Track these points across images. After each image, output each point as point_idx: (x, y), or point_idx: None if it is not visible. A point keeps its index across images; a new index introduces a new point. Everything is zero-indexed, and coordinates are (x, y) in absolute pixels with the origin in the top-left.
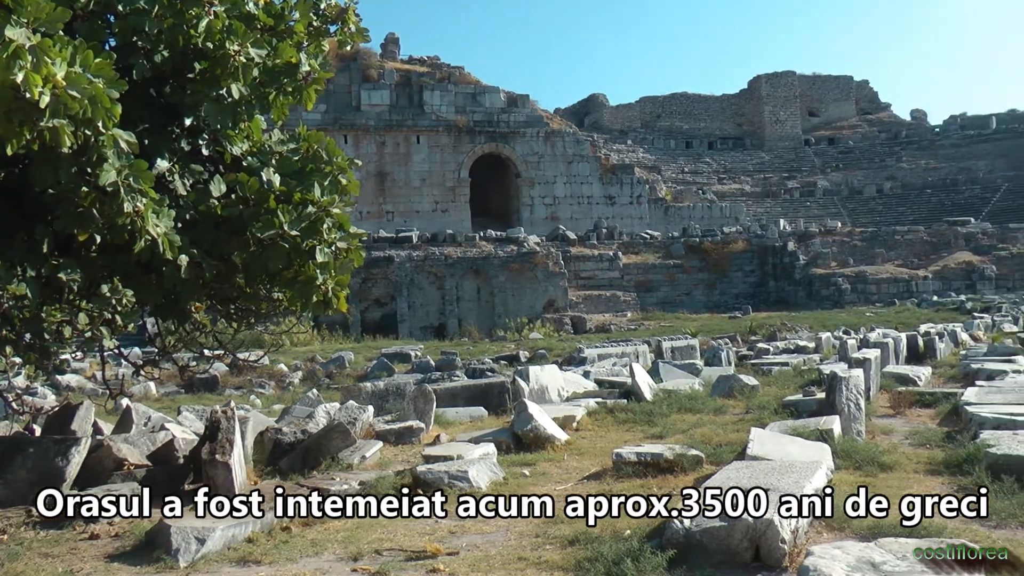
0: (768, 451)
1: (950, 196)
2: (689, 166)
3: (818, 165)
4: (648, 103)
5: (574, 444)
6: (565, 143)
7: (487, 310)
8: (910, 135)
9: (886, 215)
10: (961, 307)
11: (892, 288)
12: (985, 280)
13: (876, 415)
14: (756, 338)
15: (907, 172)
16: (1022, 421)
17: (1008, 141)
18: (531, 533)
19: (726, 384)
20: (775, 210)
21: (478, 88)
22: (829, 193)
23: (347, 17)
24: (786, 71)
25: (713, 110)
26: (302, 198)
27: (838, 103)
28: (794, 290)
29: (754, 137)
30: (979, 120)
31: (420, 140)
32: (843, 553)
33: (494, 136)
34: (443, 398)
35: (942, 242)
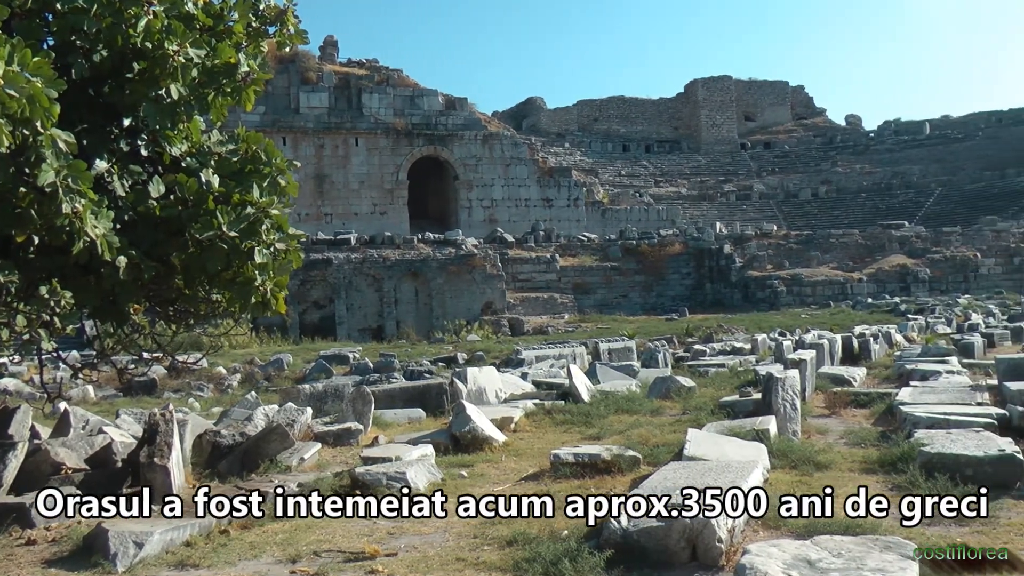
0: (705, 451)
1: (884, 200)
2: (626, 169)
3: (754, 169)
4: (585, 106)
5: (512, 445)
6: (503, 146)
7: (425, 312)
8: (845, 140)
9: (821, 218)
10: (895, 309)
11: (827, 290)
12: (919, 283)
13: (812, 415)
14: (693, 340)
15: (842, 176)
16: (955, 420)
17: (941, 147)
18: (469, 534)
19: (663, 385)
20: (712, 213)
21: (416, 91)
22: (765, 197)
23: (286, 18)
24: (722, 76)
25: (650, 114)
26: (241, 199)
27: (774, 108)
28: (730, 292)
29: (691, 141)
30: (913, 126)
31: (359, 143)
32: (779, 551)
33: (432, 139)
34: (381, 400)
35: (876, 245)
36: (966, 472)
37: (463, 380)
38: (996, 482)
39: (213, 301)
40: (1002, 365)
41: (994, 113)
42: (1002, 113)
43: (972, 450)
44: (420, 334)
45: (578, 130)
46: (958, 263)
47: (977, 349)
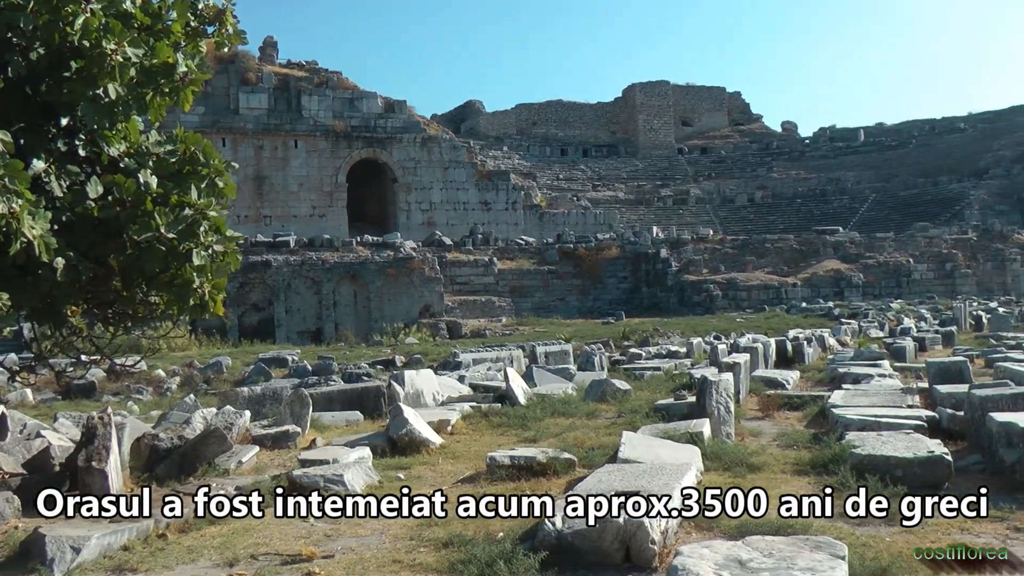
0: (639, 454)
1: (819, 206)
2: (564, 173)
3: (691, 174)
4: (524, 110)
5: (449, 448)
6: (442, 149)
7: (364, 315)
8: (781, 146)
9: (757, 223)
10: (829, 313)
11: (762, 295)
12: (852, 287)
13: (745, 418)
14: (629, 343)
15: (778, 182)
16: (886, 423)
17: (876, 153)
18: (405, 536)
19: (599, 389)
20: (648, 217)
21: (356, 93)
22: (701, 201)
23: (225, 18)
24: (660, 80)
25: (588, 118)
26: (179, 200)
27: (711, 113)
28: (666, 296)
29: (628, 145)
30: (848, 133)
31: (298, 144)
32: (711, 552)
33: (371, 141)
34: (319, 402)
35: (811, 250)
36: (896, 473)
37: (401, 383)
38: (924, 483)
39: (151, 303)
40: (932, 368)
41: (928, 121)
42: (935, 121)
43: (902, 452)
44: (359, 337)
45: (517, 134)
46: (891, 268)
47: (909, 353)
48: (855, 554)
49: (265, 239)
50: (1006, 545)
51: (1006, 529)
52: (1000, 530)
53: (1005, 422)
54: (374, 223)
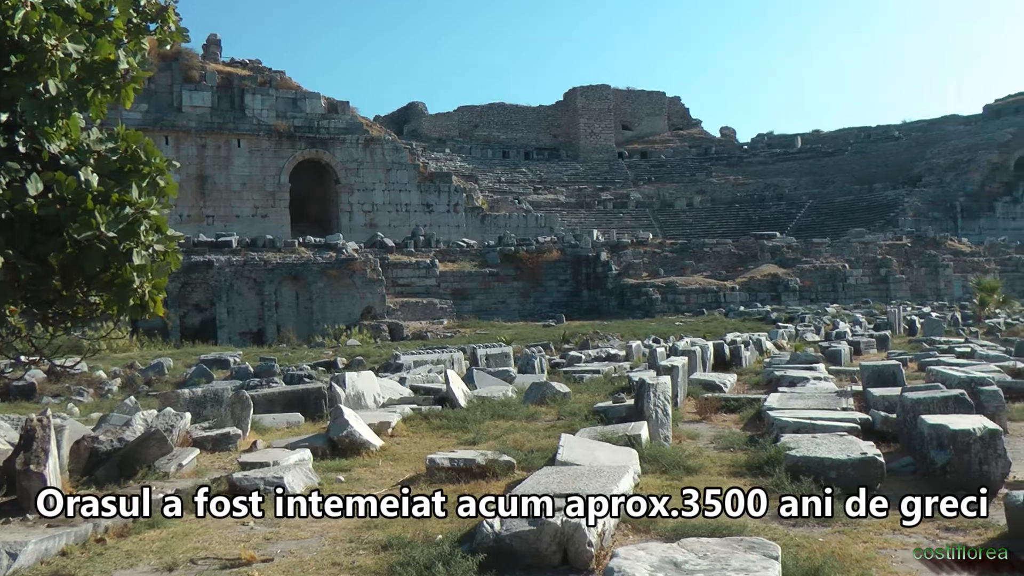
0: (577, 456)
1: (757, 211)
2: (506, 176)
3: (631, 178)
4: (466, 112)
5: (389, 450)
6: (384, 150)
7: (306, 316)
8: (720, 151)
9: (696, 228)
10: (766, 317)
11: (701, 298)
12: (789, 291)
13: (683, 421)
14: (569, 346)
15: (717, 187)
16: (821, 425)
17: (812, 160)
18: (345, 538)
19: (538, 391)
20: (589, 221)
21: (299, 93)
22: (641, 205)
23: (167, 15)
24: (601, 85)
25: (530, 121)
26: (120, 199)
27: (651, 118)
28: (606, 299)
29: (569, 148)
30: (785, 139)
31: (241, 144)
32: (647, 554)
33: (314, 142)
34: (260, 404)
35: (749, 255)
36: (830, 474)
37: (341, 385)
38: (858, 484)
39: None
40: (866, 372)
41: (863, 129)
42: (871, 129)
43: (836, 453)
44: (301, 338)
45: (459, 136)
46: (827, 273)
47: (844, 356)
48: (788, 554)
49: (207, 239)
50: (936, 544)
51: (936, 529)
52: (931, 530)
53: (936, 424)
54: (316, 224)
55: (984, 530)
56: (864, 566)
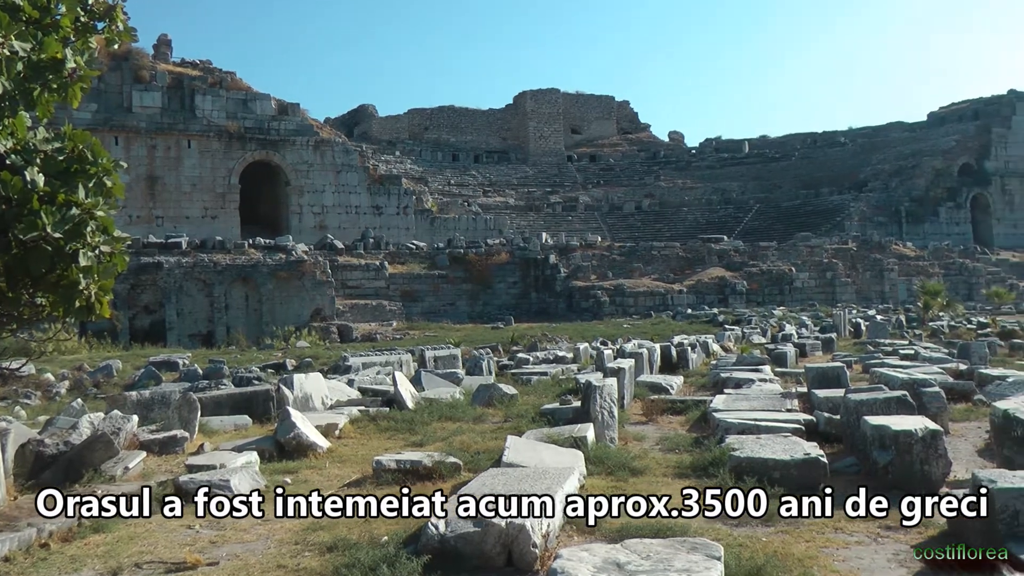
0: (523, 458)
1: (705, 215)
2: (455, 178)
3: (580, 181)
4: (416, 115)
5: (336, 452)
6: (334, 152)
7: (255, 318)
8: (668, 155)
9: (644, 231)
10: (714, 320)
11: (649, 301)
12: (736, 294)
13: (629, 422)
14: (517, 348)
15: (665, 191)
16: (765, 426)
17: (759, 165)
18: (291, 540)
19: (486, 393)
20: (538, 223)
21: (249, 95)
22: (590, 208)
23: (115, 14)
24: (550, 88)
25: (479, 124)
26: (66, 199)
27: (600, 122)
28: (555, 302)
29: (519, 152)
30: (733, 144)
31: (191, 145)
32: (590, 555)
33: (265, 143)
34: (208, 407)
35: (697, 258)
36: (773, 475)
37: (290, 387)
38: (801, 484)
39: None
40: (811, 373)
41: (810, 135)
42: (817, 135)
43: (779, 454)
44: (250, 340)
45: (409, 138)
46: (774, 276)
47: (789, 358)
48: (731, 554)
49: (157, 240)
50: (878, 543)
51: (878, 528)
52: (872, 529)
53: (878, 425)
54: (267, 226)
55: (925, 528)
56: (806, 565)
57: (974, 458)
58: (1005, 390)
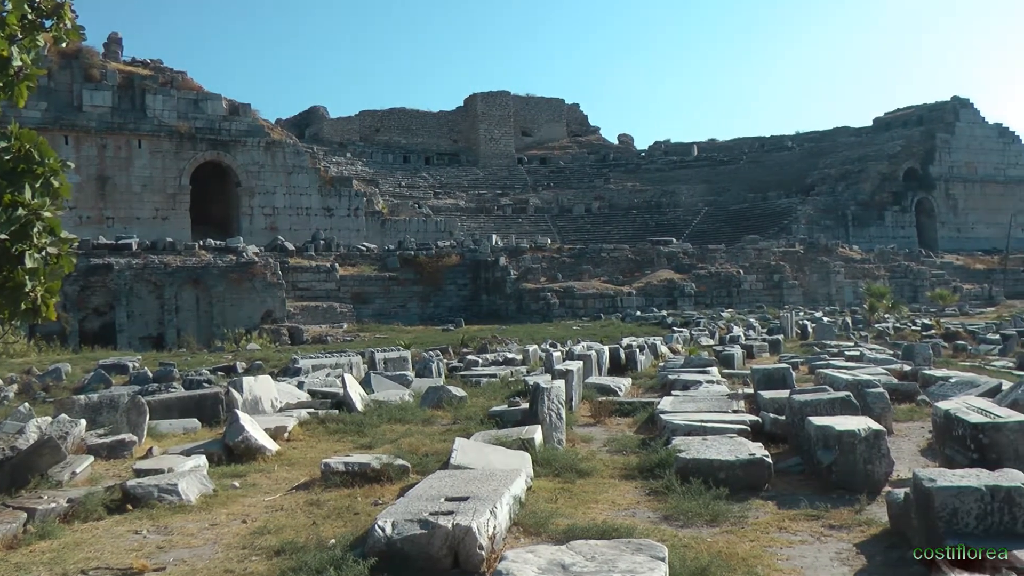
0: (471, 460)
1: (654, 217)
2: (406, 180)
3: (530, 183)
4: (368, 117)
5: (285, 455)
6: (285, 154)
7: (206, 320)
8: (617, 158)
9: (594, 233)
10: (662, 322)
11: (598, 303)
12: (685, 297)
13: (577, 424)
14: (468, 350)
15: (614, 193)
16: (711, 427)
17: (708, 168)
18: (238, 544)
19: (435, 395)
20: (488, 226)
21: (200, 95)
22: (540, 211)
23: (63, 12)
24: (501, 91)
25: (430, 126)
26: (12, 200)
27: (550, 124)
28: (505, 304)
29: (469, 154)
30: (682, 147)
31: (142, 145)
32: (535, 556)
33: (216, 144)
34: (157, 410)
35: (646, 260)
36: (719, 476)
37: (239, 389)
38: (746, 484)
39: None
40: (757, 375)
41: (758, 139)
42: (765, 139)
43: (725, 455)
44: (201, 342)
45: (360, 140)
46: (722, 279)
47: (737, 360)
48: (676, 555)
49: (107, 241)
50: (821, 542)
51: (821, 527)
52: (816, 528)
53: (822, 426)
54: (218, 227)
55: (867, 527)
56: (750, 564)
57: (917, 457)
58: (948, 391)
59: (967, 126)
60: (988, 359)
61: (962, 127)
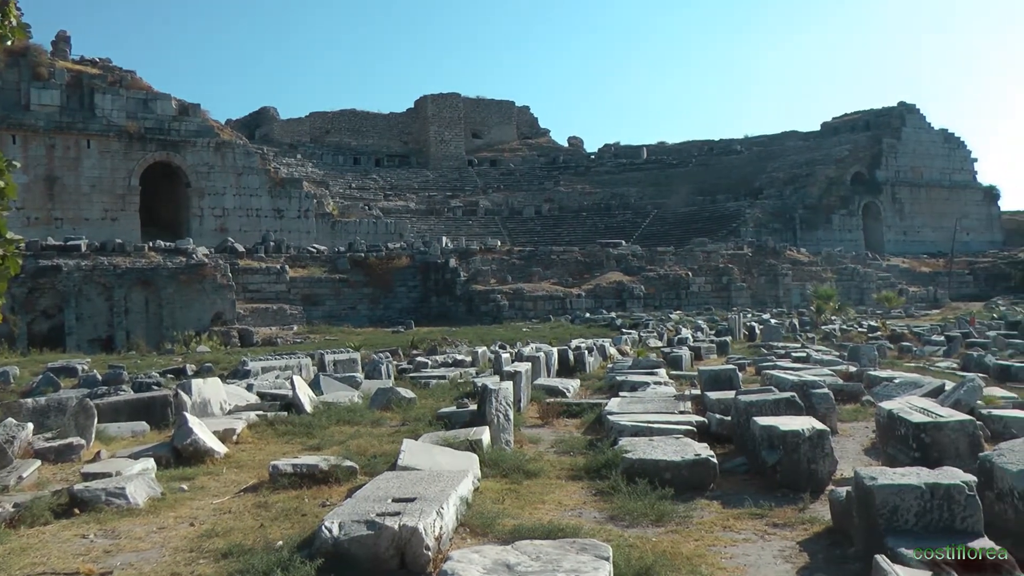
0: (418, 461)
1: (604, 219)
2: (357, 182)
3: (480, 185)
4: (318, 118)
5: (233, 457)
6: (235, 155)
7: (156, 322)
8: (567, 161)
9: (544, 235)
10: (611, 323)
11: (548, 305)
12: (634, 299)
13: (526, 425)
14: (417, 352)
15: (564, 195)
16: (658, 428)
17: (657, 171)
18: (186, 548)
19: (384, 397)
20: (438, 227)
21: (150, 94)
22: (490, 213)
23: (8, 10)
24: (451, 93)
25: (381, 128)
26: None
27: (500, 126)
28: (455, 305)
29: (420, 156)
30: (631, 150)
31: (91, 145)
32: (480, 556)
33: (165, 144)
34: (106, 413)
35: (595, 262)
36: (665, 476)
37: (188, 392)
38: (692, 484)
39: None
40: (705, 376)
41: (707, 142)
42: (713, 143)
43: (671, 455)
44: (151, 345)
45: (310, 142)
46: (671, 281)
47: (685, 362)
48: (621, 554)
49: (56, 243)
50: (765, 540)
51: (765, 525)
52: (760, 526)
53: (767, 426)
54: (167, 228)
55: (811, 525)
56: (694, 563)
57: (860, 457)
58: (892, 391)
59: (913, 131)
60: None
61: (908, 132)
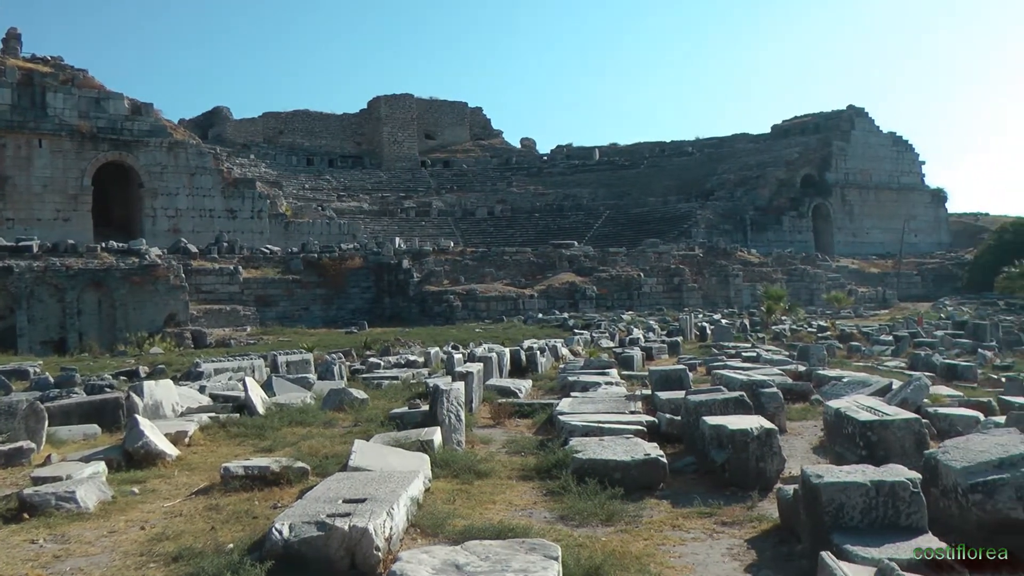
0: (370, 462)
1: (556, 221)
2: (310, 183)
3: (434, 186)
4: (271, 119)
5: (185, 459)
6: (188, 155)
7: (109, 324)
8: (520, 162)
9: (497, 236)
10: (564, 324)
11: (501, 305)
12: (587, 299)
13: (477, 426)
14: (370, 353)
15: (517, 196)
16: (608, 428)
17: (610, 172)
18: (136, 552)
19: (336, 398)
20: (392, 228)
21: (102, 94)
22: (444, 214)
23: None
24: (404, 94)
25: (334, 128)
26: None
27: (453, 127)
28: (408, 306)
29: (373, 157)
30: (584, 151)
31: (43, 144)
32: (430, 557)
33: (118, 144)
34: (57, 416)
35: (548, 263)
36: (615, 476)
37: (140, 394)
38: (641, 484)
39: None
40: (655, 376)
41: (658, 144)
42: (665, 144)
43: (621, 455)
44: (104, 346)
45: (264, 142)
46: (623, 281)
47: (636, 362)
48: (570, 554)
49: (7, 243)
50: (713, 539)
51: (714, 524)
52: (708, 525)
53: (716, 425)
54: (120, 229)
55: (759, 523)
56: (643, 563)
57: (809, 455)
58: (840, 390)
59: (862, 134)
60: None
61: (857, 135)
